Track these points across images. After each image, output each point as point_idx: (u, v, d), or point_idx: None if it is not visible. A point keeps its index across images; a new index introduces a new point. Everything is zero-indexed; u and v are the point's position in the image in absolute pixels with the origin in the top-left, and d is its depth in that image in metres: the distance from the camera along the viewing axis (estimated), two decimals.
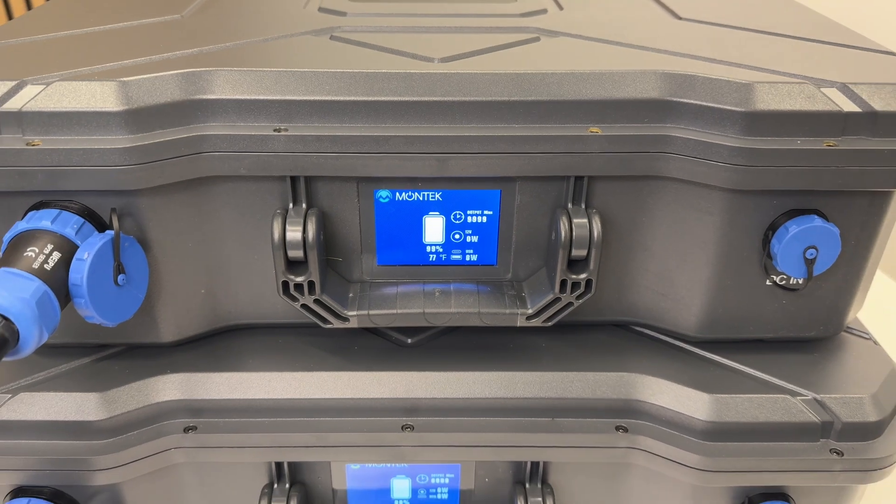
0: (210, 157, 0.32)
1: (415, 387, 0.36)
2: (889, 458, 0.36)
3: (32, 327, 0.28)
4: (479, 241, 0.37)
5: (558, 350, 0.38)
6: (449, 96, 0.33)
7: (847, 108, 0.32)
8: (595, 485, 0.38)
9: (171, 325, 0.36)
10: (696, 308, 0.37)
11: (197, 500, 0.38)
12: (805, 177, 0.32)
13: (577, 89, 0.33)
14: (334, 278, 0.36)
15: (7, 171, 0.31)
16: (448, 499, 0.40)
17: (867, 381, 0.37)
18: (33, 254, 0.30)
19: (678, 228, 0.35)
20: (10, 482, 0.36)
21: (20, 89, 0.31)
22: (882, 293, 0.68)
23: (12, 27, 0.38)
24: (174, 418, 0.36)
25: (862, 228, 0.34)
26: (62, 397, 0.35)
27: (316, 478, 0.38)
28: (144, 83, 0.32)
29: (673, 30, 0.40)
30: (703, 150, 0.32)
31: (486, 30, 0.39)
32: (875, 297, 0.46)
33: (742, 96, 0.32)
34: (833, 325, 0.38)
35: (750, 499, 0.37)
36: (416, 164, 0.33)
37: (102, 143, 0.31)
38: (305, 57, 0.35)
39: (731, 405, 0.35)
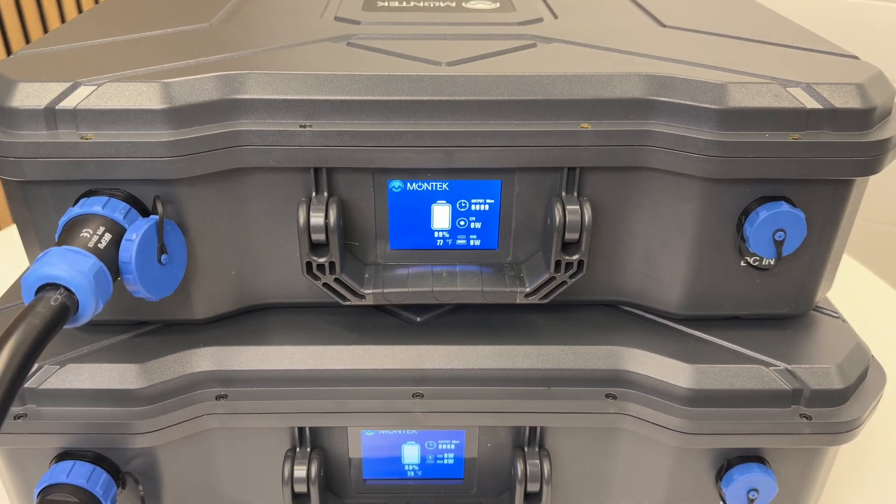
0: (243, 151, 0.36)
1: (424, 359, 0.40)
2: (854, 421, 0.39)
3: (90, 298, 0.32)
4: (481, 228, 0.40)
5: (554, 327, 0.42)
6: (455, 96, 0.37)
7: (810, 106, 0.36)
8: (587, 448, 0.42)
9: (204, 304, 0.40)
10: (678, 288, 0.41)
11: (226, 464, 0.42)
12: (773, 167, 0.36)
13: (569, 89, 0.37)
14: (352, 261, 0.40)
15: (64, 161, 0.35)
16: (454, 464, 0.44)
17: (834, 353, 0.41)
18: (88, 234, 0.34)
19: (661, 214, 0.39)
20: (57, 445, 0.39)
21: (74, 89, 0.35)
22: (851, 277, 0.72)
23: (58, 35, 0.42)
24: (207, 387, 0.39)
25: (826, 213, 0.38)
26: (105, 368, 0.39)
27: (334, 444, 0.42)
28: (184, 84, 0.36)
29: (657, 36, 0.44)
30: (681, 144, 0.36)
31: (488, 37, 0.43)
32: (844, 280, 0.50)
33: (716, 95, 0.36)
34: (803, 303, 0.41)
35: (728, 461, 0.41)
36: (425, 156, 0.37)
37: (147, 138, 0.35)
38: (326, 61, 0.39)
39: (710, 374, 0.39)
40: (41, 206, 0.37)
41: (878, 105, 0.37)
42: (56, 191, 0.36)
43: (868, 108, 0.36)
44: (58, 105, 0.35)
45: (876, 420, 0.55)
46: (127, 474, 0.41)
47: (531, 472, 0.41)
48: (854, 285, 0.72)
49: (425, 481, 0.44)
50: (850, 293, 0.55)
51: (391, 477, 0.44)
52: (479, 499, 0.44)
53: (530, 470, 0.41)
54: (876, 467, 0.51)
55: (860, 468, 0.51)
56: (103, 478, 0.39)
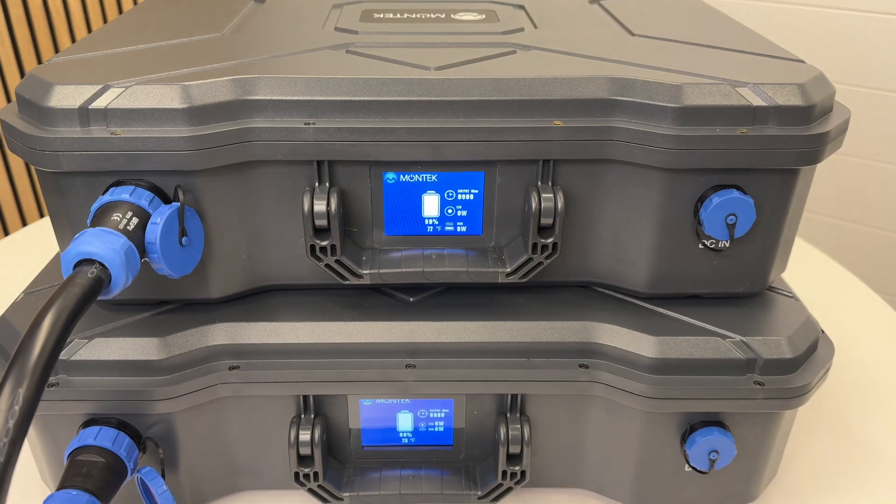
0: (253, 145, 0.41)
1: (416, 334, 0.45)
2: (804, 387, 0.44)
3: (121, 272, 0.36)
4: (467, 215, 0.45)
5: (533, 305, 0.46)
6: (442, 97, 0.41)
7: (756, 103, 0.40)
8: (563, 414, 0.46)
9: (218, 284, 0.45)
10: (643, 269, 0.45)
11: (238, 430, 0.46)
12: (724, 158, 0.41)
13: (542, 91, 0.41)
14: (351, 245, 0.44)
15: (95, 154, 0.39)
16: (444, 431, 0.48)
17: (785, 327, 0.45)
18: (118, 218, 0.38)
19: (626, 202, 0.43)
20: (85, 412, 0.44)
21: (105, 91, 0.40)
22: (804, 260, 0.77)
23: (85, 44, 0.47)
24: (221, 359, 0.44)
25: (774, 199, 0.43)
26: (129, 342, 0.43)
27: (335, 412, 0.47)
28: (201, 87, 0.40)
29: (625, 43, 0.48)
30: (643, 138, 0.41)
31: (473, 45, 0.48)
32: (798, 264, 0.54)
33: (673, 95, 0.41)
34: (757, 282, 0.46)
35: (691, 426, 0.45)
36: (416, 150, 0.41)
37: (169, 133, 0.39)
38: (328, 66, 0.43)
39: (672, 345, 0.44)
40: (73, 194, 0.41)
41: (817, 103, 0.41)
42: (88, 181, 0.41)
43: (808, 105, 0.41)
44: (90, 105, 0.39)
45: (838, 398, 0.59)
46: (148, 439, 0.45)
47: (513, 435, 0.45)
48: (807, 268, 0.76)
49: (418, 447, 0.48)
50: (802, 274, 0.59)
51: (387, 443, 0.48)
52: (466, 463, 0.48)
53: (512, 434, 0.45)
54: (837, 441, 0.56)
55: (819, 441, 0.56)
56: (126, 442, 0.44)
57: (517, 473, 0.45)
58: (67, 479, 0.41)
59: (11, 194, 1.34)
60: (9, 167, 1.32)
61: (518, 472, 0.45)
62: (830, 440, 0.55)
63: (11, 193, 1.33)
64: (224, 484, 0.49)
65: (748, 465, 0.47)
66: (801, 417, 0.57)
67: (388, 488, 0.46)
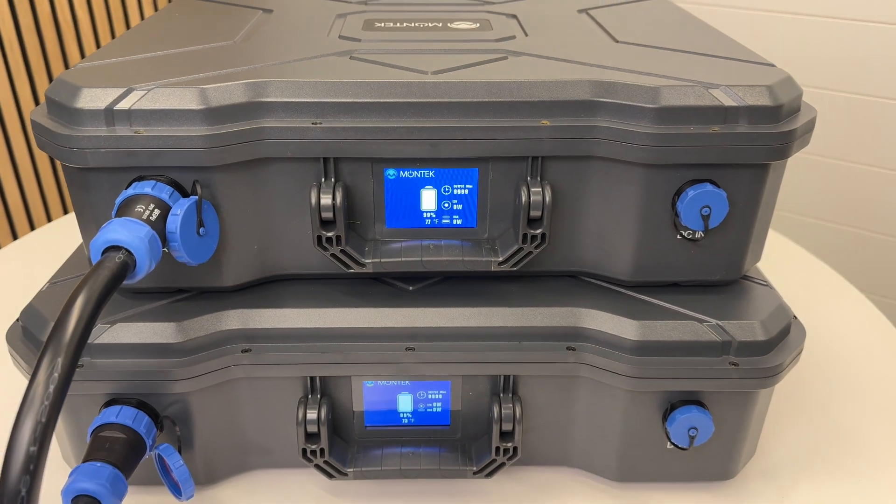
0: (265, 143, 0.44)
1: (415, 319, 0.48)
2: (776, 368, 0.47)
3: (146, 258, 0.39)
4: (462, 209, 0.48)
5: (523, 293, 0.50)
6: (439, 98, 0.45)
7: (728, 104, 0.44)
8: (553, 394, 0.49)
9: (231, 273, 0.48)
10: (626, 258, 0.48)
11: (249, 409, 0.49)
12: (698, 154, 0.44)
13: (532, 93, 0.45)
14: (354, 237, 0.48)
15: (120, 152, 0.43)
16: (441, 412, 0.51)
17: (759, 312, 0.48)
18: (141, 209, 0.41)
19: (609, 196, 0.47)
20: (107, 391, 0.47)
21: (128, 94, 0.43)
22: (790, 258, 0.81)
23: (106, 51, 0.51)
24: (234, 343, 0.47)
25: (746, 193, 0.46)
26: (148, 326, 0.47)
27: (340, 393, 0.50)
28: (217, 90, 0.44)
29: (609, 50, 0.52)
30: (624, 136, 0.44)
31: (468, 51, 0.51)
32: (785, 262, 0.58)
33: (651, 96, 0.44)
34: (732, 271, 0.49)
35: (672, 405, 0.49)
36: (414, 148, 0.45)
37: (187, 133, 0.43)
38: (333, 71, 0.47)
39: (653, 328, 0.47)
40: (98, 189, 0.45)
41: (785, 103, 0.45)
42: (112, 176, 0.44)
43: (776, 105, 0.44)
44: (115, 106, 0.43)
45: (816, 386, 0.63)
46: (165, 418, 0.48)
47: (505, 414, 0.48)
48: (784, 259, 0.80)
49: (417, 427, 0.51)
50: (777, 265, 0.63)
51: (388, 423, 0.51)
52: (462, 441, 0.51)
53: (504, 412, 0.48)
54: (814, 426, 0.59)
55: (797, 425, 0.59)
56: (145, 420, 0.47)
57: (510, 450, 0.49)
58: (91, 453, 0.44)
59: (38, 192, 1.38)
60: (36, 166, 1.36)
61: (511, 448, 0.49)
62: (807, 425, 0.59)
63: (38, 191, 1.37)
64: (236, 462, 0.52)
65: (726, 443, 0.50)
66: (779, 403, 0.60)
67: (389, 464, 0.49)
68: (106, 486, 0.42)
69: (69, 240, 0.62)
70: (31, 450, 0.32)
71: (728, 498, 0.52)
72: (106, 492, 0.42)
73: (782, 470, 0.55)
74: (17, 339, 0.49)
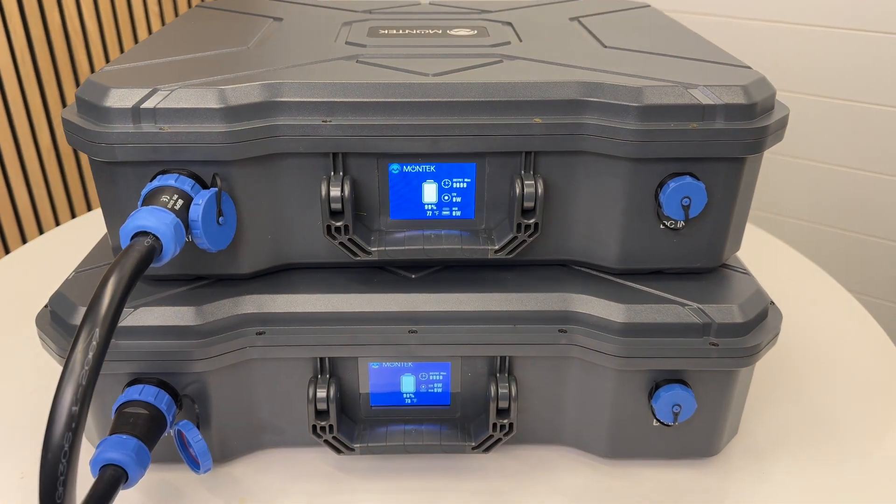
0: (279, 140, 0.48)
1: (417, 304, 0.52)
2: (753, 348, 0.50)
3: (171, 243, 0.43)
4: (461, 201, 0.52)
5: (518, 280, 0.53)
6: (439, 98, 0.48)
7: (705, 102, 0.48)
8: (546, 374, 0.53)
9: (247, 261, 0.51)
10: (613, 247, 0.52)
11: (263, 389, 0.53)
12: (679, 148, 0.48)
13: (524, 93, 0.49)
14: (361, 227, 0.51)
15: (145, 147, 0.46)
16: (442, 392, 0.55)
17: (737, 296, 0.52)
18: (166, 199, 0.45)
19: (597, 188, 0.50)
20: (130, 371, 0.50)
21: (153, 94, 0.47)
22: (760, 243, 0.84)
23: (130, 55, 0.54)
24: (249, 326, 0.51)
25: (724, 184, 0.50)
26: (170, 310, 0.50)
27: (347, 374, 0.53)
28: (235, 90, 0.47)
29: (598, 54, 0.56)
30: (610, 133, 0.48)
31: (466, 55, 0.55)
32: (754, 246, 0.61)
33: (634, 96, 0.48)
34: (712, 258, 0.53)
35: (657, 383, 0.52)
36: (416, 144, 0.49)
37: (208, 129, 0.46)
38: (341, 73, 0.51)
39: (638, 312, 0.51)
40: (125, 182, 0.48)
41: (758, 101, 0.48)
42: (137, 170, 0.48)
43: (750, 103, 0.48)
44: (142, 105, 0.47)
45: (797, 372, 0.66)
46: (184, 397, 0.52)
47: (501, 392, 0.52)
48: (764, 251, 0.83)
49: (419, 406, 0.55)
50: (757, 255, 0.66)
51: (392, 403, 0.55)
52: (462, 420, 0.55)
53: (501, 391, 0.52)
54: (795, 408, 0.62)
55: (778, 407, 0.62)
56: (166, 398, 0.50)
57: (506, 426, 0.52)
58: (117, 427, 0.48)
59: (47, 196, 1.41)
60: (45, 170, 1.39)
61: (507, 424, 0.52)
62: (787, 408, 0.62)
63: (47, 195, 1.41)
64: (249, 441, 0.55)
65: (709, 421, 0.54)
66: (761, 388, 0.64)
67: (393, 440, 0.53)
68: (132, 455, 0.45)
69: (71, 246, 0.65)
70: (73, 409, 0.36)
71: (712, 474, 0.56)
72: (131, 461, 0.45)
73: (763, 449, 0.58)
74: (45, 323, 0.52)
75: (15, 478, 0.55)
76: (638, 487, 0.54)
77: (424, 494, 0.54)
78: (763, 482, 0.55)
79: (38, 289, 0.65)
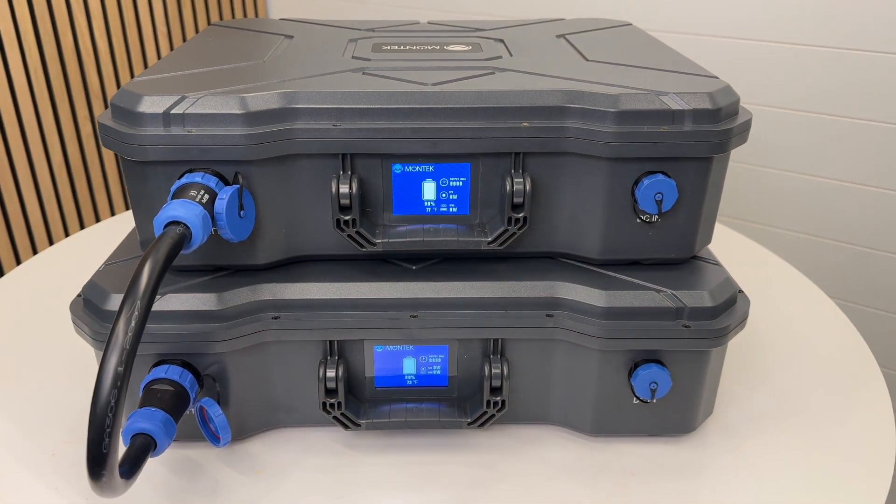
0: (293, 142, 0.53)
1: (418, 291, 0.57)
2: (722, 330, 0.56)
3: (199, 231, 0.48)
4: (457, 198, 0.57)
5: (510, 270, 0.59)
6: (437, 105, 0.54)
7: (675, 107, 0.53)
8: (535, 356, 0.58)
9: (263, 253, 0.57)
10: (595, 240, 0.57)
11: (277, 370, 0.58)
12: (651, 149, 0.53)
13: (514, 100, 0.54)
14: (366, 222, 0.57)
15: (175, 147, 0.52)
16: (441, 373, 0.60)
17: (708, 284, 0.57)
18: (194, 193, 0.50)
19: (579, 186, 0.56)
20: (156, 352, 0.56)
21: (182, 100, 0.53)
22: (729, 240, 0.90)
23: (158, 67, 0.60)
24: (265, 311, 0.56)
25: (694, 182, 0.55)
26: (193, 296, 0.55)
27: (354, 357, 0.58)
28: (255, 97, 0.53)
29: (581, 67, 0.62)
30: (590, 135, 0.53)
31: (461, 68, 0.61)
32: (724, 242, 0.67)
33: (612, 102, 0.53)
34: (685, 250, 0.58)
35: (636, 363, 0.57)
36: (417, 146, 0.54)
37: (230, 132, 0.52)
38: (349, 83, 0.56)
39: (618, 297, 0.56)
40: (154, 180, 0.54)
41: (723, 107, 0.54)
42: (167, 169, 0.53)
43: (716, 108, 0.54)
44: (172, 110, 0.52)
45: (770, 359, 0.71)
46: (206, 376, 0.57)
47: (494, 372, 0.57)
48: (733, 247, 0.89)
49: (420, 387, 0.60)
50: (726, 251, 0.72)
51: (395, 384, 0.60)
52: (459, 400, 0.60)
53: (494, 371, 0.57)
54: (766, 391, 0.68)
55: (751, 390, 0.68)
56: (189, 377, 0.55)
57: (499, 403, 0.57)
58: (145, 402, 0.53)
59: (58, 209, 1.47)
60: (56, 184, 1.44)
61: (499, 401, 0.57)
62: (759, 391, 0.67)
63: (58, 209, 1.46)
64: (263, 419, 0.60)
65: (684, 399, 0.59)
66: (735, 372, 0.69)
67: (396, 417, 0.58)
68: (160, 426, 0.50)
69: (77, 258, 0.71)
70: (119, 370, 0.41)
71: (689, 449, 0.61)
72: (160, 431, 0.50)
73: (736, 427, 0.63)
74: (79, 310, 0.57)
75: (47, 454, 0.60)
76: (620, 460, 0.59)
77: (424, 467, 0.59)
78: (736, 456, 0.60)
79: (57, 291, 0.70)
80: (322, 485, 0.57)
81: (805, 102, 1.24)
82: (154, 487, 0.56)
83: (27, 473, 0.58)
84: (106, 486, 0.42)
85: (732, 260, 0.67)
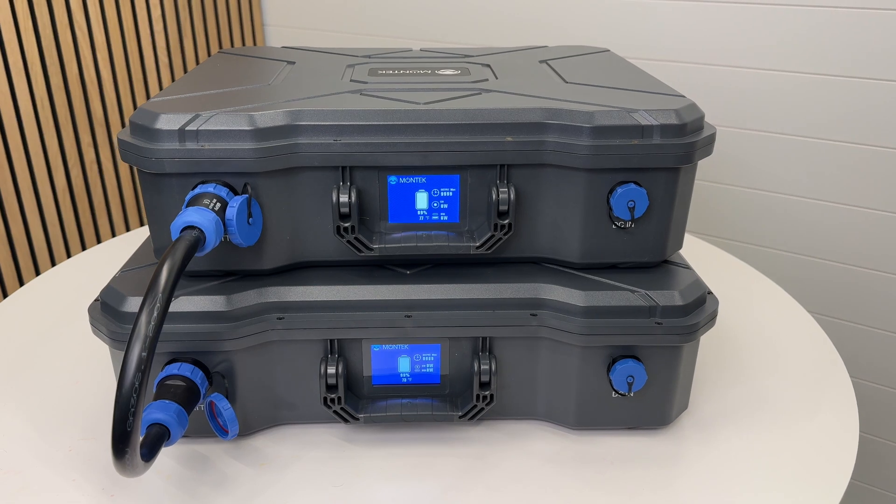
0: (297, 156, 0.58)
1: (412, 293, 0.61)
2: (692, 327, 0.60)
3: (213, 235, 0.53)
4: (448, 208, 0.62)
5: (496, 274, 0.63)
6: (429, 122, 0.59)
7: (644, 123, 0.59)
8: (521, 353, 0.63)
9: (268, 259, 0.62)
10: (575, 245, 0.63)
11: (281, 368, 0.62)
12: (624, 160, 0.59)
13: (499, 117, 0.59)
14: (364, 229, 0.62)
15: (189, 161, 0.57)
16: (433, 371, 0.64)
17: (678, 284, 0.62)
18: (207, 202, 0.55)
19: (560, 195, 0.61)
20: (169, 350, 0.60)
21: (196, 118, 0.58)
22: (699, 249, 0.95)
23: (173, 89, 0.65)
24: (271, 312, 0.60)
25: (664, 190, 0.61)
26: (204, 298, 0.60)
27: (353, 355, 0.63)
28: (263, 115, 0.58)
29: (560, 87, 0.67)
30: (568, 148, 0.59)
31: (451, 89, 0.66)
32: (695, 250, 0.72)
33: (587, 118, 0.59)
34: (657, 254, 0.63)
35: (613, 359, 0.62)
36: (410, 159, 0.59)
37: (240, 147, 0.57)
38: (348, 103, 0.61)
39: (596, 297, 0.61)
40: (169, 191, 0.59)
41: (688, 122, 0.60)
42: (181, 181, 0.58)
43: (682, 123, 0.59)
44: (186, 127, 0.57)
45: (743, 362, 0.76)
46: (215, 373, 0.61)
47: (483, 368, 0.61)
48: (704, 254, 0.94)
49: (414, 384, 0.64)
50: (697, 257, 0.77)
51: (391, 381, 0.64)
52: (450, 395, 0.64)
53: (483, 367, 0.61)
54: (738, 389, 0.72)
55: (724, 388, 0.72)
56: (200, 374, 0.60)
57: (488, 397, 0.62)
58: (159, 395, 0.57)
59: (60, 231, 1.51)
60: (59, 209, 1.49)
61: (488, 395, 0.62)
62: (731, 388, 0.72)
63: (60, 230, 1.51)
64: (267, 416, 0.64)
65: (660, 393, 0.64)
66: (709, 371, 0.74)
67: (392, 411, 0.62)
68: (174, 416, 0.54)
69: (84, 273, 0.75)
70: (143, 355, 0.45)
71: (665, 441, 0.65)
72: (174, 421, 0.54)
73: (710, 421, 0.68)
74: (97, 313, 0.62)
75: (64, 450, 0.64)
76: (600, 450, 0.63)
77: (418, 459, 0.63)
78: (708, 447, 0.64)
79: (69, 302, 0.75)
80: (323, 476, 0.61)
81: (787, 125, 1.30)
82: (166, 479, 0.60)
83: (46, 469, 0.61)
84: (129, 463, 0.46)
85: (714, 273, 0.72)
